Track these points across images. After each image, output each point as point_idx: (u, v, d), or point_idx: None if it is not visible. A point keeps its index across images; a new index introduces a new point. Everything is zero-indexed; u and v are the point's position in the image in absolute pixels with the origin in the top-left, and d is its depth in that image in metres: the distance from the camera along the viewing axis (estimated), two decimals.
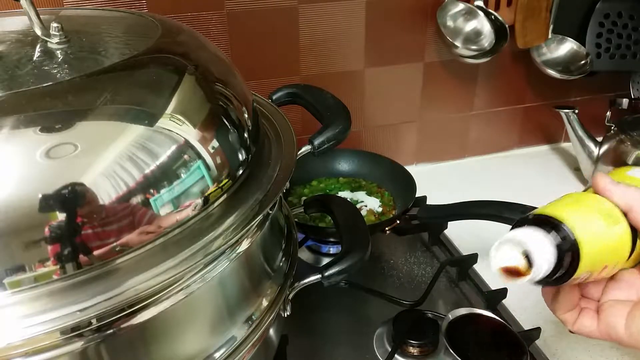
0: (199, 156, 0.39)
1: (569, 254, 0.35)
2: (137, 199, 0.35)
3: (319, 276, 0.49)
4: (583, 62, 0.96)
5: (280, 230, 0.53)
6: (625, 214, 0.38)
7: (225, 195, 0.41)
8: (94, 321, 0.34)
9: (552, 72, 0.96)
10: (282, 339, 0.59)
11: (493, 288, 0.71)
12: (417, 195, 0.81)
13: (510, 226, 0.39)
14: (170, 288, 0.37)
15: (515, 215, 0.69)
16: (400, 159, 0.90)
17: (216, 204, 0.40)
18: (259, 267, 0.47)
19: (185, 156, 0.38)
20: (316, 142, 0.55)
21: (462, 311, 0.36)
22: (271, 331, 0.49)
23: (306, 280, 0.49)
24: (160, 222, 0.36)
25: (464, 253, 0.77)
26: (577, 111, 0.96)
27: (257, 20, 0.83)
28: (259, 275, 0.47)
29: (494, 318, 0.36)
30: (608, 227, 0.36)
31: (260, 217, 0.41)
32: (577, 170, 1.03)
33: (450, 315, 0.37)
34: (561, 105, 0.98)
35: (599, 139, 0.95)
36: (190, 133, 0.39)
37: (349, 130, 0.56)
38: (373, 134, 1.00)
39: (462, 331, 0.36)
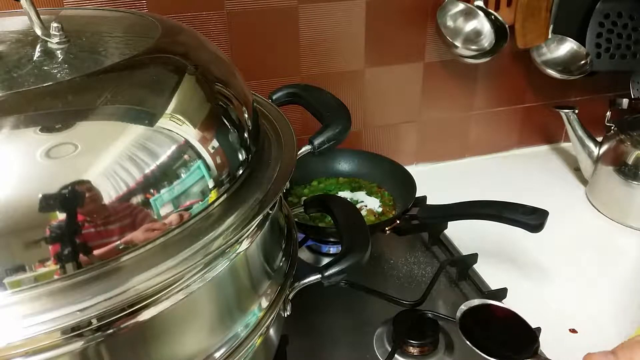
0: (199, 156, 0.39)
1: None
2: (137, 199, 0.35)
3: (319, 276, 0.49)
4: (583, 62, 0.96)
5: (280, 230, 0.53)
6: None
7: (225, 195, 0.41)
8: (94, 321, 0.34)
9: (552, 72, 0.96)
10: (282, 339, 0.59)
11: (493, 288, 0.71)
12: (417, 195, 0.81)
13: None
14: (170, 288, 0.37)
15: (516, 215, 0.69)
16: (400, 159, 0.90)
17: (216, 204, 0.40)
18: (259, 267, 0.47)
19: (186, 156, 0.38)
20: (316, 142, 0.55)
21: (475, 302, 0.36)
22: (271, 331, 0.49)
23: (306, 280, 0.49)
24: (160, 221, 0.36)
25: (464, 253, 0.77)
26: (577, 111, 0.96)
27: (257, 20, 0.83)
28: (259, 275, 0.47)
29: (506, 308, 0.35)
30: None
31: (260, 217, 0.41)
32: (577, 170, 1.03)
33: (463, 307, 0.36)
34: (561, 105, 0.98)
35: (599, 139, 0.95)
36: (190, 133, 0.39)
37: (349, 130, 0.56)
38: (373, 134, 1.00)
39: (475, 321, 0.36)
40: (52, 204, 0.32)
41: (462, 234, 0.83)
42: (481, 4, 0.89)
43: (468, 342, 0.37)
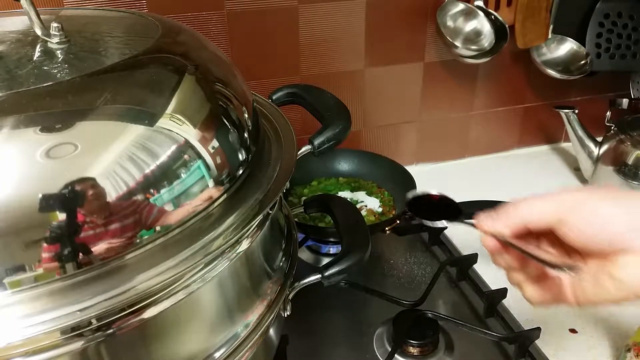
0: (199, 156, 0.39)
1: None
2: (137, 199, 0.35)
3: (319, 276, 0.49)
4: (583, 62, 0.96)
5: (280, 230, 0.53)
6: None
7: (225, 195, 0.41)
8: (94, 321, 0.34)
9: (552, 72, 0.96)
10: (282, 339, 0.59)
11: (493, 288, 0.71)
12: None
13: None
14: (170, 288, 0.37)
15: None
16: (400, 159, 0.90)
17: (216, 203, 0.40)
18: (259, 267, 0.47)
19: (186, 156, 0.38)
20: (316, 142, 0.55)
21: (418, 192, 0.48)
22: (271, 331, 0.49)
23: (306, 280, 0.49)
24: (160, 221, 0.36)
25: (464, 253, 0.77)
26: (577, 111, 0.96)
27: (257, 20, 0.83)
28: (259, 275, 0.47)
29: (441, 194, 0.48)
30: None
31: (260, 217, 0.41)
32: (577, 170, 1.03)
33: (409, 195, 0.48)
34: (561, 105, 0.98)
35: (599, 139, 0.95)
36: (190, 133, 0.39)
37: (349, 130, 0.56)
38: (373, 134, 1.00)
39: (419, 205, 0.48)
40: (52, 204, 0.32)
41: (462, 234, 0.82)
42: (481, 4, 0.89)
43: (415, 216, 0.49)
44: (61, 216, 0.32)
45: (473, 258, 0.75)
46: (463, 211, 0.46)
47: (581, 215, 0.40)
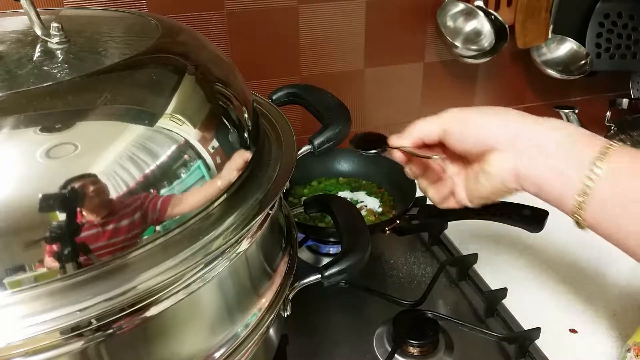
0: (199, 156, 0.39)
1: None
2: (136, 199, 0.35)
3: (319, 276, 0.49)
4: (583, 62, 0.96)
5: (280, 230, 0.53)
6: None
7: (225, 195, 0.41)
8: (94, 321, 0.34)
9: (552, 72, 0.96)
10: (282, 339, 0.59)
11: (493, 288, 0.71)
12: (417, 196, 0.81)
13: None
14: (170, 288, 0.37)
15: (515, 215, 0.69)
16: None
17: (216, 203, 0.40)
18: (259, 267, 0.47)
19: (185, 156, 0.38)
20: (316, 142, 0.55)
21: (360, 134, 0.57)
22: (271, 331, 0.49)
23: (306, 280, 0.49)
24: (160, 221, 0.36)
25: (464, 253, 0.77)
26: (577, 111, 0.96)
27: (257, 20, 0.83)
28: (259, 275, 0.47)
29: (377, 132, 0.57)
30: None
31: (260, 217, 0.41)
32: None
33: (355, 135, 0.57)
34: (561, 105, 0.98)
35: None
36: (190, 133, 0.39)
37: (349, 130, 0.56)
38: None
39: (361, 142, 0.57)
40: (52, 204, 0.32)
41: (462, 234, 0.82)
42: (481, 4, 0.89)
43: (356, 149, 0.56)
44: (61, 216, 0.32)
45: (473, 258, 0.75)
46: (387, 138, 0.55)
47: (460, 126, 0.50)
